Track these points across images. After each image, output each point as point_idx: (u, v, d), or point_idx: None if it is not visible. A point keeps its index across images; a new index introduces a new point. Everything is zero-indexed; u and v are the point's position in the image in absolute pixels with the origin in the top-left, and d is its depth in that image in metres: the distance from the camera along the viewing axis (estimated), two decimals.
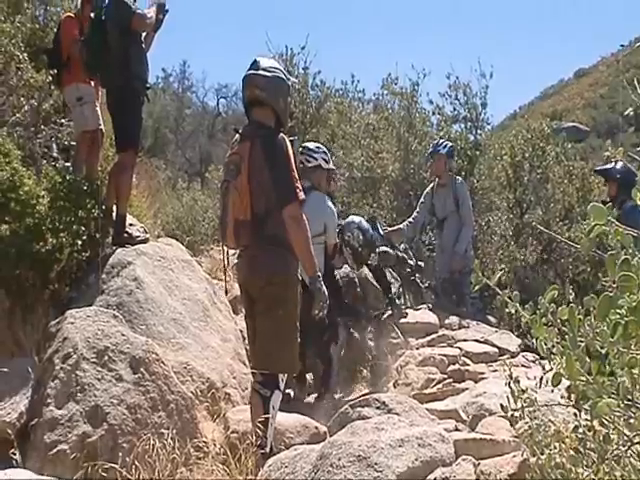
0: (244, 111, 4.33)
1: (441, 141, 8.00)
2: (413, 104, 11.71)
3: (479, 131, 11.32)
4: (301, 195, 3.92)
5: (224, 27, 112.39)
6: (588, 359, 1.34)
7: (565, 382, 1.54)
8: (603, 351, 1.31)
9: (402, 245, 7.60)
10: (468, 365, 5.80)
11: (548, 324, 1.54)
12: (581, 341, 1.35)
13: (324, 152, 6.02)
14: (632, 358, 1.22)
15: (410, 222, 7.77)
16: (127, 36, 5.74)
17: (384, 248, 7.20)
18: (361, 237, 6.41)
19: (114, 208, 5.90)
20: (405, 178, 10.96)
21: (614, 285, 1.20)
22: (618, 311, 1.20)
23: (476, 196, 9.86)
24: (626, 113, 1.76)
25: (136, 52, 5.84)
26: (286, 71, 4.38)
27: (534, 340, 1.62)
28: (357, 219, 6.67)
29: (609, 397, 1.29)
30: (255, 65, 4.17)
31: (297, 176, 3.98)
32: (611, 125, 50.27)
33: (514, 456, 3.01)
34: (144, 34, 5.97)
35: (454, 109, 11.50)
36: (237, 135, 4.20)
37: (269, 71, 4.14)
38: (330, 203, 5.84)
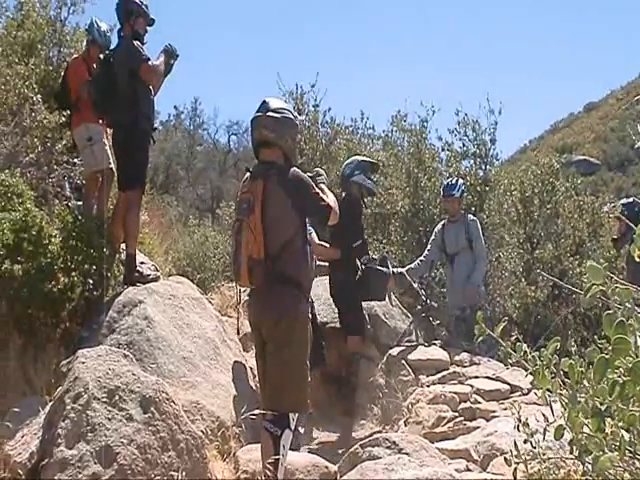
0: (253, 151, 4.40)
1: (452, 181, 7.94)
2: (422, 140, 11.78)
3: (488, 167, 11.33)
4: (331, 203, 4.18)
5: (235, 64, 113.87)
6: (590, 413, 1.34)
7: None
8: (603, 407, 1.32)
9: (415, 284, 7.60)
10: (479, 403, 5.74)
11: (552, 375, 1.55)
12: (581, 397, 1.35)
13: None
14: (631, 415, 1.23)
15: (422, 260, 7.74)
16: (135, 77, 5.80)
17: (401, 270, 7.26)
18: None
19: (123, 247, 5.93)
20: (415, 214, 10.98)
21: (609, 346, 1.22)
22: (616, 371, 1.21)
23: (486, 232, 9.84)
24: (637, 146, 1.79)
25: (144, 93, 5.90)
26: (296, 109, 4.47)
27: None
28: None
29: (611, 451, 1.30)
30: (263, 107, 4.24)
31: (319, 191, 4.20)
32: (622, 158, 50.46)
33: None
34: None
35: (463, 145, 11.53)
36: (248, 174, 4.25)
37: (278, 112, 4.20)
38: None
